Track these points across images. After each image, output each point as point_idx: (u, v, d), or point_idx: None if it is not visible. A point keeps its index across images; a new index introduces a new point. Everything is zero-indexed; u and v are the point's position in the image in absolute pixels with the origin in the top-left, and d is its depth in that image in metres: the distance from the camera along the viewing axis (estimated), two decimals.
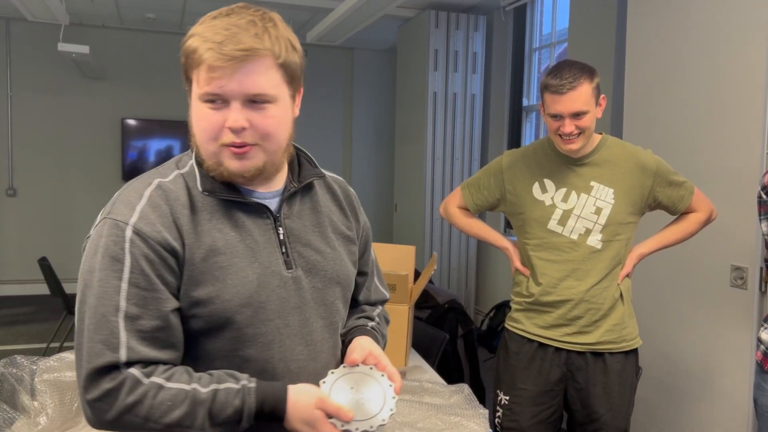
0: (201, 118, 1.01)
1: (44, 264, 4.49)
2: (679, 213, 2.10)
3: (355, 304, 1.31)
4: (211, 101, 1.00)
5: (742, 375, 2.46)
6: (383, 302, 1.37)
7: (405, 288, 2.30)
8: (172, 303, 1.00)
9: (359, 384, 1.08)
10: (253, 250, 1.06)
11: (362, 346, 1.14)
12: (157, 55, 6.78)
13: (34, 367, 1.98)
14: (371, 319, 1.29)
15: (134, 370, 0.95)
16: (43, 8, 4.28)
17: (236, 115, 0.99)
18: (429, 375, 2.40)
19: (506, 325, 2.18)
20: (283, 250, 1.10)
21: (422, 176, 5.33)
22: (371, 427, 1.03)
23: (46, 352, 4.01)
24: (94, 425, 0.96)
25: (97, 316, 0.95)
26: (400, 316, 2.35)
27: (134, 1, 5.52)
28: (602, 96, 1.96)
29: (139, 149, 6.81)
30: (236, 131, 0.99)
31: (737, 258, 2.49)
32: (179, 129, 6.78)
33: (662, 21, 2.87)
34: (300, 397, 1.02)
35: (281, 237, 1.10)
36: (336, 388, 1.07)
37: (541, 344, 2.07)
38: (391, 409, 1.05)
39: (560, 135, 1.94)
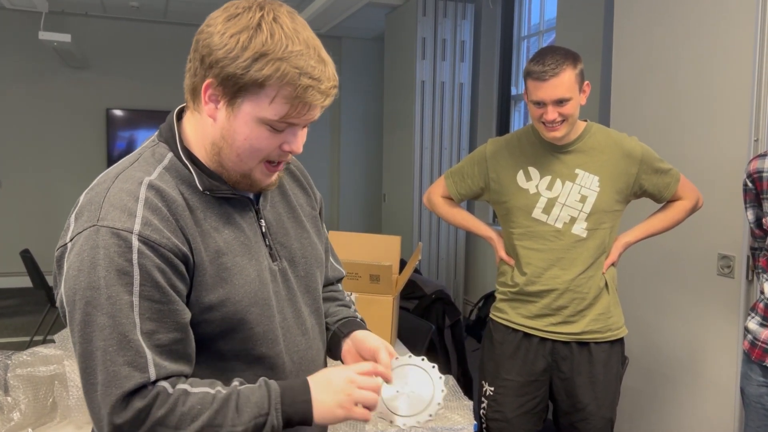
0: (256, 138, 0.96)
1: (26, 256, 4.44)
2: (665, 201, 2.08)
3: None
4: (275, 127, 0.97)
5: (729, 364, 2.45)
6: (339, 279, 1.36)
7: (389, 278, 2.27)
8: (187, 313, 0.96)
9: (407, 377, 1.07)
10: (248, 247, 1.03)
11: (382, 343, 1.12)
12: (142, 44, 6.69)
13: (8, 362, 1.93)
14: (349, 306, 1.28)
15: (163, 383, 0.92)
16: None
17: (301, 140, 1.01)
18: None
19: (491, 315, 2.15)
20: (267, 242, 1.08)
21: (410, 166, 5.30)
22: (418, 422, 1.03)
23: (30, 345, 3.97)
24: None
25: (115, 336, 0.88)
26: (384, 307, 2.32)
27: None
28: (586, 83, 1.93)
29: (126, 140, 6.74)
30: (295, 153, 1.01)
31: (724, 247, 2.47)
32: (165, 119, 6.70)
33: (650, 9, 2.84)
34: (323, 373, 1.01)
35: (263, 230, 1.08)
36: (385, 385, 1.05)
37: (526, 334, 2.05)
38: (439, 404, 1.04)
39: (543, 122, 1.90)
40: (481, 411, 2.15)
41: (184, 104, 1.06)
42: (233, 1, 0.98)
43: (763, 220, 1.92)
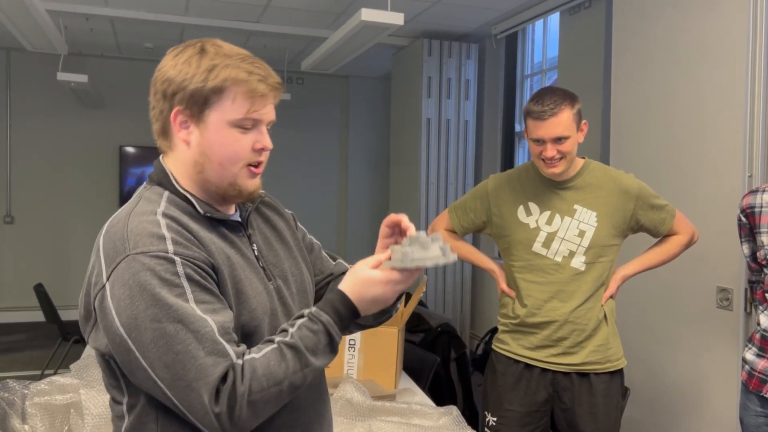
0: (231, 142, 1.07)
1: (40, 290, 4.51)
2: (662, 235, 2.14)
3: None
4: (243, 126, 1.08)
5: (729, 395, 2.48)
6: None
7: None
8: (230, 310, 1.04)
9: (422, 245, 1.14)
10: (250, 263, 1.13)
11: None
12: None
13: (26, 392, 2.00)
14: None
15: (236, 360, 0.99)
16: (43, 39, 4.35)
17: (268, 136, 1.12)
18: (419, 397, 2.41)
19: (493, 347, 2.20)
20: (261, 264, 1.16)
21: (416, 201, 5.38)
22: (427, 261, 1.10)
23: (41, 380, 4.02)
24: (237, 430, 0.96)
25: (190, 335, 0.96)
26: (389, 339, 2.37)
27: (133, 31, 5.63)
28: (584, 122, 2.02)
29: (136, 176, 6.88)
30: (266, 150, 1.11)
31: (722, 280, 2.53)
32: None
33: (646, 50, 2.94)
34: (351, 273, 1.10)
35: (256, 253, 1.17)
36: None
37: (527, 365, 2.10)
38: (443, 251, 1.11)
39: (543, 159, 1.99)
40: None
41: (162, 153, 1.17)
42: (174, 47, 1.12)
43: (758, 254, 1.98)
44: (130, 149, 6.83)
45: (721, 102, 2.54)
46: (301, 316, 1.05)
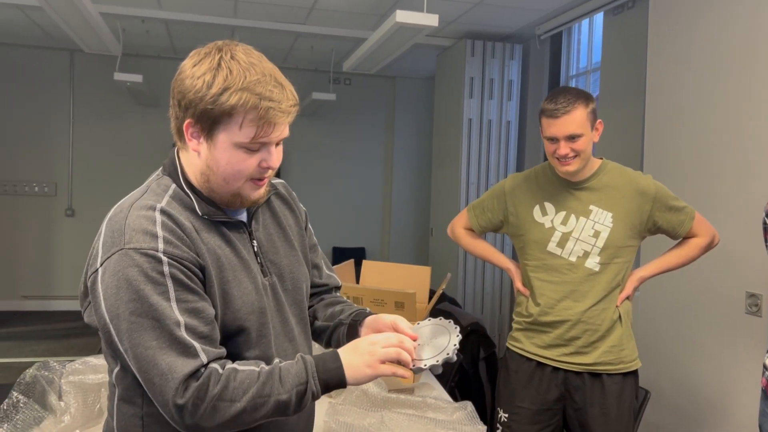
0: (237, 161, 1.10)
1: None
2: (680, 238, 2.12)
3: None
4: (250, 148, 1.10)
5: (755, 402, 2.42)
6: (338, 288, 1.49)
7: (413, 306, 2.37)
8: (212, 308, 1.11)
9: (426, 333, 1.21)
10: (245, 262, 1.18)
11: (396, 317, 1.26)
12: None
13: (63, 370, 2.13)
14: (352, 305, 1.41)
15: (213, 364, 1.06)
16: (97, 40, 4.57)
17: (276, 156, 1.14)
18: (436, 392, 2.45)
19: (507, 344, 2.22)
20: (259, 260, 1.22)
21: (457, 201, 5.40)
22: (437, 361, 1.15)
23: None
24: (188, 426, 1.04)
25: (165, 335, 1.02)
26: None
27: (187, 34, 5.84)
28: (599, 121, 2.02)
29: None
30: (271, 169, 1.14)
31: (752, 285, 2.47)
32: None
33: (682, 53, 2.89)
34: (352, 341, 1.16)
35: (255, 249, 1.23)
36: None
37: (539, 363, 2.11)
38: (455, 345, 1.16)
39: (557, 158, 2.00)
40: None
41: None
42: (197, 49, 1.14)
43: None
44: None
45: (756, 106, 2.49)
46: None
